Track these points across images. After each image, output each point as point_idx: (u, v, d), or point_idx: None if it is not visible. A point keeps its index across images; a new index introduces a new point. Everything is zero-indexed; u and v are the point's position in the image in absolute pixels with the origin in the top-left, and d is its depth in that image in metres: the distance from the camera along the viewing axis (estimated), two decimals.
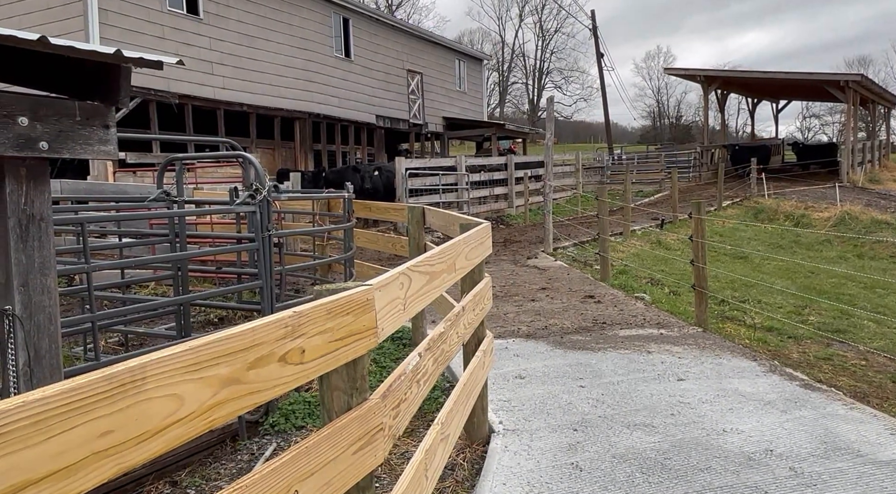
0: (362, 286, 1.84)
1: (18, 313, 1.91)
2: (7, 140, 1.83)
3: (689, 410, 4.33)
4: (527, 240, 13.45)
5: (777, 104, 36.00)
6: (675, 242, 13.55)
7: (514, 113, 67.63)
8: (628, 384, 4.87)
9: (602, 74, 37.72)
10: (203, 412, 1.29)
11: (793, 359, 6.10)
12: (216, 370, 1.32)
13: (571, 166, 23.32)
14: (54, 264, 2.03)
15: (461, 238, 3.11)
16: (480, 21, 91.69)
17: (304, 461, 1.57)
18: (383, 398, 1.93)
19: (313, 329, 1.60)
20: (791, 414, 4.25)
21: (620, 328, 6.54)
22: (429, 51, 23.70)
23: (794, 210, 17.33)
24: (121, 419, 1.11)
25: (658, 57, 70.60)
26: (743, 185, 21.45)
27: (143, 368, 1.16)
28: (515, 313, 7.17)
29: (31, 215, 1.95)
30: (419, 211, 5.67)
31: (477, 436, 3.93)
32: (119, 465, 1.13)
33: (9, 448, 0.93)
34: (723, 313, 7.93)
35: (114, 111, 2.15)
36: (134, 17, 12.84)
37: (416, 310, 2.28)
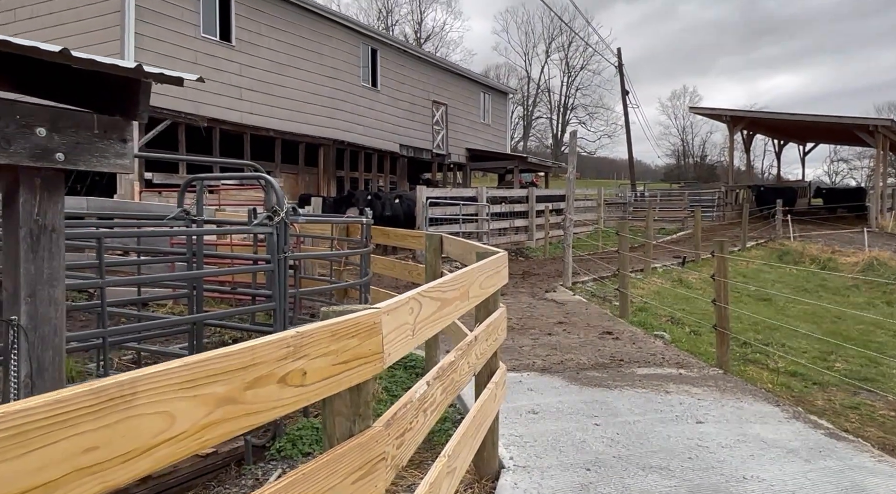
0: (370, 309, 1.80)
1: (24, 323, 1.89)
2: (24, 150, 1.84)
3: (708, 454, 4.16)
4: (545, 273, 13.33)
5: (804, 147, 35.70)
6: (696, 281, 13.33)
7: (538, 147, 67.98)
8: (645, 424, 4.71)
9: (626, 110, 37.85)
10: (196, 431, 1.24)
11: (817, 406, 5.88)
12: (212, 388, 1.27)
13: (593, 201, 23.25)
14: (63, 276, 2.01)
15: (476, 266, 3.06)
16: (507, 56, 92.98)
17: (301, 487, 1.50)
18: (387, 426, 1.86)
19: (316, 351, 1.55)
20: (815, 464, 4.06)
21: (638, 366, 6.39)
22: (454, 83, 24.00)
23: (821, 254, 17.00)
24: (107, 435, 1.06)
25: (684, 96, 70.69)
26: (768, 226, 21.15)
27: (134, 383, 1.12)
28: (531, 346, 7.05)
29: (43, 225, 1.95)
30: (437, 239, 5.64)
31: (486, 471, 3.82)
32: (104, 483, 1.08)
33: None
34: (745, 355, 7.72)
35: (132, 125, 2.16)
36: (168, 42, 13.21)
37: (425, 336, 2.22)
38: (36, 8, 13.32)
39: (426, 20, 63.60)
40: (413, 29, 62.26)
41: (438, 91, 22.95)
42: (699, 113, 32.77)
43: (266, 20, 15.62)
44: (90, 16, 12.60)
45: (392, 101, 20.36)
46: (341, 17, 19.04)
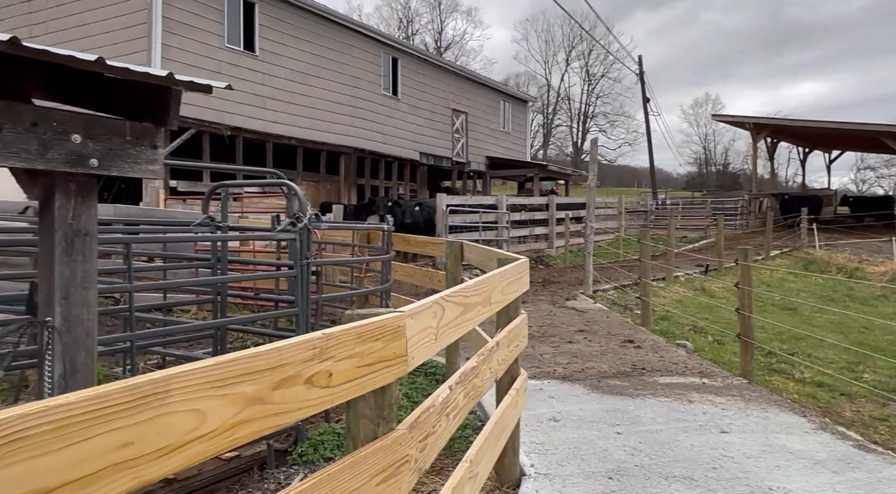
0: (394, 313, 1.81)
1: (58, 325, 1.94)
2: (60, 156, 1.89)
3: (733, 464, 4.11)
4: (566, 281, 13.27)
5: (829, 155, 35.15)
6: (719, 289, 13.17)
7: (558, 155, 67.80)
8: (668, 433, 4.66)
9: (648, 118, 37.61)
10: (226, 429, 1.26)
11: (845, 418, 5.77)
12: (241, 387, 1.29)
13: (614, 209, 23.10)
14: (95, 279, 2.06)
15: (497, 272, 3.07)
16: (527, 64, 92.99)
17: (326, 488, 1.52)
18: (410, 429, 1.88)
19: (342, 353, 1.57)
20: (844, 476, 3.98)
21: (660, 374, 6.32)
22: (474, 91, 24.08)
23: (847, 263, 16.69)
24: (142, 431, 1.09)
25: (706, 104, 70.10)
26: (792, 235, 20.84)
27: (167, 381, 1.14)
28: (552, 354, 7.02)
29: (77, 229, 2.00)
30: (457, 246, 5.66)
31: (507, 478, 3.80)
32: (138, 478, 1.10)
33: (28, 452, 0.92)
34: (769, 365, 7.60)
35: (163, 132, 2.21)
36: (193, 52, 13.45)
37: (448, 341, 2.24)
38: (66, 20, 13.65)
39: (446, 29, 63.94)
40: (433, 38, 62.65)
41: (458, 99, 23.03)
42: (722, 120, 32.46)
43: (289, 30, 15.84)
44: (119, 27, 12.88)
45: (412, 109, 20.48)
46: (363, 27, 19.23)
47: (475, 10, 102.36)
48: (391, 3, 62.80)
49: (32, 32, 13.75)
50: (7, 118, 1.78)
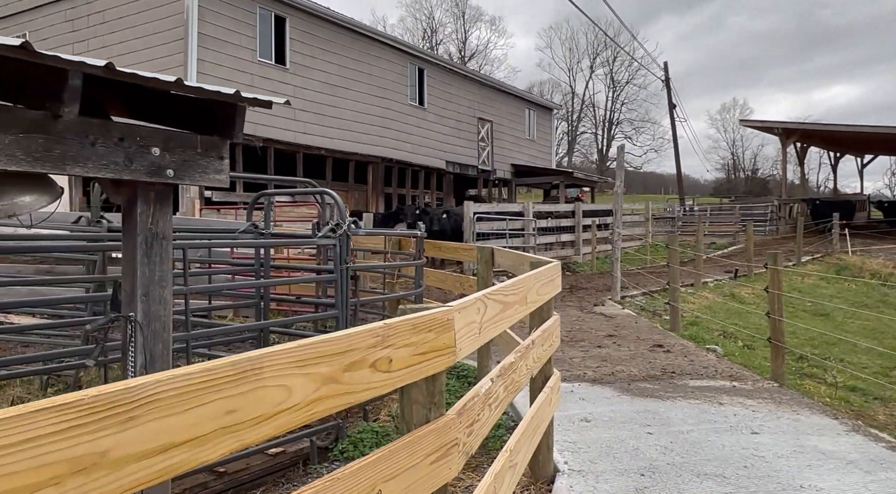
0: (444, 307, 1.98)
1: (140, 319, 2.15)
2: (142, 167, 2.11)
3: (764, 463, 4.18)
4: (593, 287, 13.32)
5: (862, 159, 34.53)
6: (750, 295, 13.08)
7: (583, 162, 67.56)
8: (699, 433, 4.74)
9: (674, 125, 37.41)
10: (307, 404, 1.44)
11: (879, 421, 5.77)
12: (318, 368, 1.47)
13: (641, 216, 23.03)
14: (171, 278, 2.27)
15: (532, 273, 3.22)
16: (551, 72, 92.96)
17: (387, 463, 1.69)
18: (459, 414, 2.04)
19: (400, 342, 1.74)
20: (876, 476, 4.03)
21: (690, 378, 6.38)
22: (499, 100, 24.27)
23: (882, 269, 16.42)
24: (242, 401, 1.27)
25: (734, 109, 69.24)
26: (824, 240, 20.54)
27: (261, 358, 1.32)
28: (581, 358, 7.11)
29: (156, 233, 2.21)
30: (489, 251, 5.81)
31: (542, 475, 3.93)
32: (239, 442, 1.28)
33: (160, 412, 1.10)
34: (801, 369, 7.59)
35: (228, 144, 2.42)
36: (227, 66, 13.87)
37: (489, 336, 2.39)
38: (107, 38, 14.20)
39: (470, 39, 64.36)
40: (457, 47, 63.09)
41: (483, 108, 23.24)
42: (750, 126, 32.13)
43: (318, 43, 16.22)
44: (157, 44, 13.36)
45: (438, 118, 20.73)
46: (389, 39, 19.58)
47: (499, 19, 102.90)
48: (415, 14, 63.48)
49: (75, 50, 14.31)
50: (100, 134, 2.00)
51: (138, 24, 13.70)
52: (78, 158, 1.94)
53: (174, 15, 13.12)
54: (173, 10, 13.11)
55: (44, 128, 1.87)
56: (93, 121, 2.00)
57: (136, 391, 1.07)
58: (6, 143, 1.79)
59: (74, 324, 4.52)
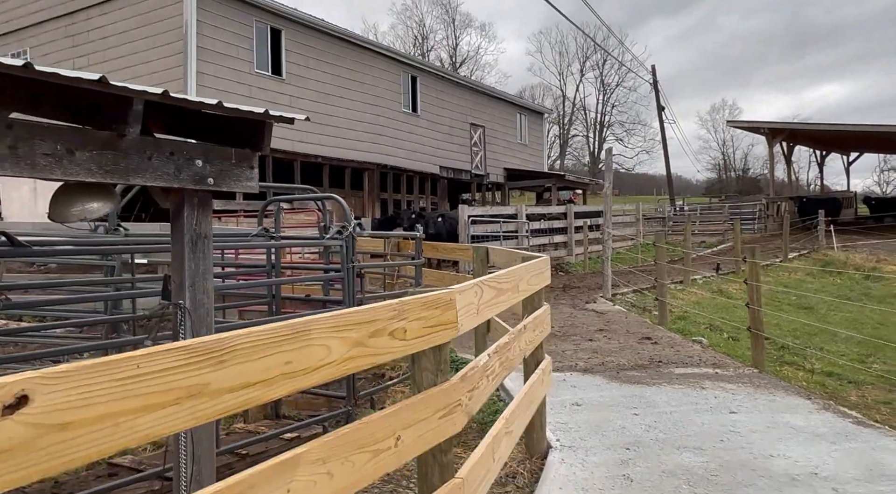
0: (447, 289, 2.36)
1: (188, 306, 2.53)
2: (188, 177, 2.49)
3: (739, 437, 4.56)
4: (585, 286, 13.72)
5: (848, 157, 35.15)
6: (736, 291, 13.50)
7: (575, 165, 68.14)
8: (681, 414, 5.13)
9: (663, 127, 37.97)
10: (342, 361, 1.82)
11: (850, 401, 6.17)
12: (350, 333, 1.85)
13: (632, 216, 23.48)
14: (212, 271, 2.65)
15: (523, 265, 3.60)
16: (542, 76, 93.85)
17: (405, 414, 2.07)
18: (462, 380, 2.42)
19: (413, 315, 2.13)
20: (840, 445, 4.42)
21: (676, 366, 6.77)
22: (491, 105, 24.72)
23: (865, 263, 16.89)
24: (296, 355, 1.65)
25: (723, 109, 70.01)
26: (810, 237, 21.02)
27: (309, 323, 1.71)
28: (573, 350, 7.50)
29: (199, 233, 2.59)
30: (483, 250, 6.20)
31: (536, 451, 4.31)
32: (294, 386, 1.66)
33: (240, 359, 1.48)
34: (781, 357, 7.99)
35: (257, 156, 2.80)
36: (226, 78, 14.25)
37: (485, 316, 2.78)
38: (108, 53, 14.56)
39: (461, 44, 64.94)
40: (448, 53, 63.64)
41: (476, 113, 23.67)
42: (737, 127, 32.70)
43: (313, 54, 16.62)
44: (157, 57, 13.73)
45: (431, 125, 21.15)
46: (383, 48, 20.00)
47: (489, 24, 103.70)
48: (406, 22, 64.02)
49: (76, 65, 14.67)
50: (154, 150, 2.38)
51: (138, 39, 14.06)
52: (138, 170, 2.32)
53: (173, 30, 13.49)
54: (172, 24, 13.49)
55: (112, 145, 2.25)
56: (148, 139, 2.38)
57: (225, 342, 1.45)
58: (85, 159, 2.17)
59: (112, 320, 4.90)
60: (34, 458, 1.09)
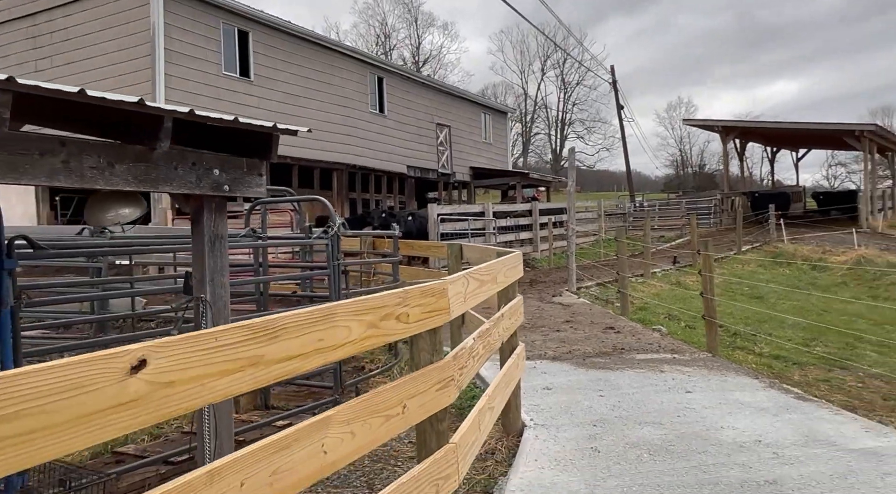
0: (440, 280, 2.73)
1: (209, 299, 2.84)
2: (208, 185, 2.80)
3: (693, 413, 5.05)
4: (551, 280, 14.24)
5: (797, 153, 36.69)
6: (693, 282, 14.19)
7: (537, 162, 69.12)
8: (642, 394, 5.60)
9: (622, 125, 39.00)
10: (360, 340, 2.17)
11: (793, 380, 6.75)
12: (365, 317, 2.20)
13: (594, 213, 24.19)
14: (228, 268, 2.96)
15: (500, 260, 3.99)
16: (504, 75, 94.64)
17: (410, 385, 2.43)
18: (454, 358, 2.79)
19: (414, 302, 2.49)
20: (781, 417, 4.94)
21: (637, 353, 7.27)
22: (456, 105, 25.13)
23: (812, 254, 17.87)
24: (325, 334, 2.00)
25: (679, 107, 71.95)
26: (762, 230, 22.03)
27: (335, 308, 2.05)
28: (542, 340, 7.94)
29: (217, 234, 2.90)
30: (457, 247, 6.58)
31: (512, 429, 4.71)
32: (324, 359, 2.01)
33: (286, 336, 1.82)
34: (733, 343, 8.59)
35: (265, 164, 3.13)
36: (193, 80, 14.30)
37: (471, 304, 3.16)
38: (71, 55, 14.44)
39: (424, 43, 65.20)
40: (411, 53, 63.82)
41: (442, 113, 24.05)
42: (692, 124, 33.84)
43: (281, 56, 16.75)
44: (123, 60, 13.71)
45: (399, 125, 21.45)
46: (349, 50, 20.20)
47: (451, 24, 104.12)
48: (368, 21, 63.95)
49: (38, 67, 14.52)
50: (180, 161, 2.68)
51: (103, 42, 14.01)
52: (166, 179, 2.62)
53: (140, 32, 13.50)
54: (139, 27, 13.49)
55: (144, 158, 2.55)
56: (174, 151, 2.68)
57: (277, 322, 1.80)
58: (122, 170, 2.47)
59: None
60: (151, 407, 1.43)
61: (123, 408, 1.37)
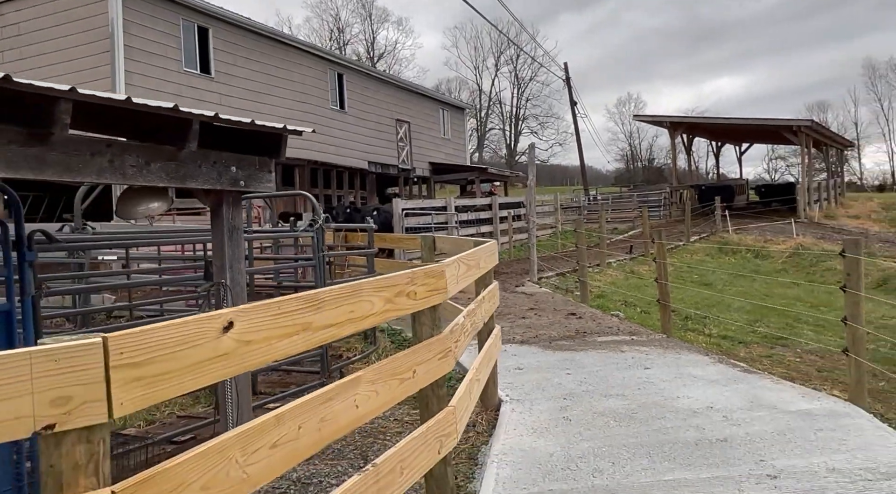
0: (439, 264, 3.10)
1: (229, 284, 3.14)
2: (226, 180, 3.10)
3: (652, 386, 5.56)
4: (513, 272, 14.75)
5: (740, 147, 38.35)
6: (647, 271, 14.93)
7: (492, 157, 69.92)
8: (605, 371, 6.10)
9: (576, 121, 39.97)
10: (380, 313, 2.52)
11: (739, 356, 7.38)
12: (383, 293, 2.56)
13: (550, 206, 24.88)
14: (244, 256, 3.27)
15: (480, 248, 4.39)
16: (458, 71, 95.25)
17: (419, 353, 2.80)
18: (451, 332, 3.17)
19: (420, 282, 2.85)
20: (730, 387, 5.50)
21: (598, 335, 7.80)
22: (415, 101, 25.43)
23: (755, 243, 18.93)
24: (354, 307, 2.35)
25: (629, 103, 73.93)
26: (709, 222, 23.11)
27: (361, 285, 2.41)
28: (510, 327, 8.39)
29: (234, 225, 3.20)
30: (430, 239, 6.94)
31: (490, 404, 5.12)
32: (355, 328, 2.36)
33: (327, 308, 2.16)
34: (686, 325, 9.23)
35: (274, 162, 3.43)
36: (154, 77, 14.21)
37: (461, 286, 3.54)
38: (26, 50, 14.14)
39: (378, 39, 65.09)
40: (366, 48, 63.64)
41: (401, 110, 24.32)
42: (642, 120, 35.01)
43: (241, 52, 16.73)
44: (81, 55, 13.52)
45: (359, 121, 21.62)
46: (309, 46, 20.26)
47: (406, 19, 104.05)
48: (321, 15, 63.45)
49: None
50: (204, 160, 2.97)
51: (59, 37, 13.77)
52: (193, 176, 2.91)
53: (98, 28, 13.34)
54: (97, 23, 13.33)
55: (174, 157, 2.84)
56: (199, 151, 2.98)
57: (320, 295, 2.14)
58: (157, 168, 2.75)
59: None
60: (235, 360, 1.76)
61: (218, 360, 1.70)
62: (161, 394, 1.55)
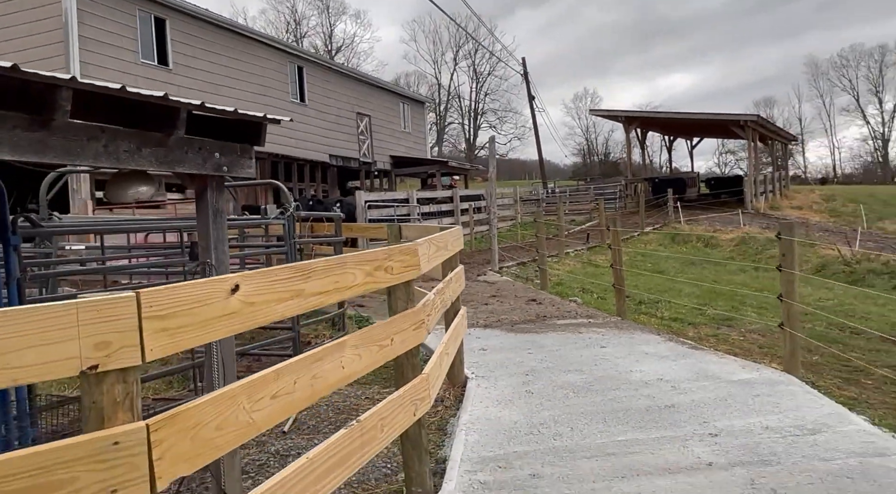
0: (412, 243, 3.36)
1: (214, 264, 3.34)
2: (211, 166, 3.28)
3: (608, 362, 5.94)
4: (475, 262, 15.08)
5: (691, 141, 39.60)
6: (603, 260, 15.47)
7: (452, 151, 70.28)
8: (564, 350, 6.46)
9: (534, 115, 40.60)
10: (362, 285, 2.77)
11: (688, 336, 7.84)
12: (364, 267, 2.80)
13: (510, 199, 25.33)
14: (227, 237, 3.46)
15: (448, 232, 4.66)
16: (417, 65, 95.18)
17: (395, 324, 3.05)
18: (423, 306, 3.43)
19: (396, 258, 3.11)
20: (678, 362, 5.92)
21: (558, 319, 8.18)
22: (376, 95, 25.50)
23: (705, 233, 19.74)
24: (339, 278, 2.59)
25: (586, 98, 75.27)
26: (662, 213, 23.93)
27: (345, 258, 2.65)
28: (473, 312, 8.70)
29: (217, 209, 3.39)
30: (396, 228, 7.18)
31: (457, 381, 5.41)
32: (340, 296, 2.61)
33: (316, 277, 2.40)
34: (639, 309, 9.69)
35: (254, 149, 3.63)
36: (111, 68, 13.99)
37: (432, 264, 3.80)
38: None
39: (336, 32, 64.59)
40: (323, 41, 63.10)
41: (361, 103, 24.37)
42: (598, 114, 35.81)
43: (200, 44, 16.56)
44: (35, 45, 13.21)
45: (320, 114, 21.61)
46: (269, 39, 20.14)
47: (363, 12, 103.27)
48: (277, 7, 62.61)
49: None
50: (190, 146, 3.16)
51: (12, 26, 13.42)
52: (180, 161, 3.10)
53: (52, 17, 13.06)
54: (51, 12, 13.05)
55: (163, 143, 3.01)
56: (185, 137, 3.15)
57: (310, 266, 2.38)
58: (147, 153, 2.93)
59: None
60: (241, 318, 1.99)
61: (227, 318, 1.93)
62: (182, 344, 1.78)
